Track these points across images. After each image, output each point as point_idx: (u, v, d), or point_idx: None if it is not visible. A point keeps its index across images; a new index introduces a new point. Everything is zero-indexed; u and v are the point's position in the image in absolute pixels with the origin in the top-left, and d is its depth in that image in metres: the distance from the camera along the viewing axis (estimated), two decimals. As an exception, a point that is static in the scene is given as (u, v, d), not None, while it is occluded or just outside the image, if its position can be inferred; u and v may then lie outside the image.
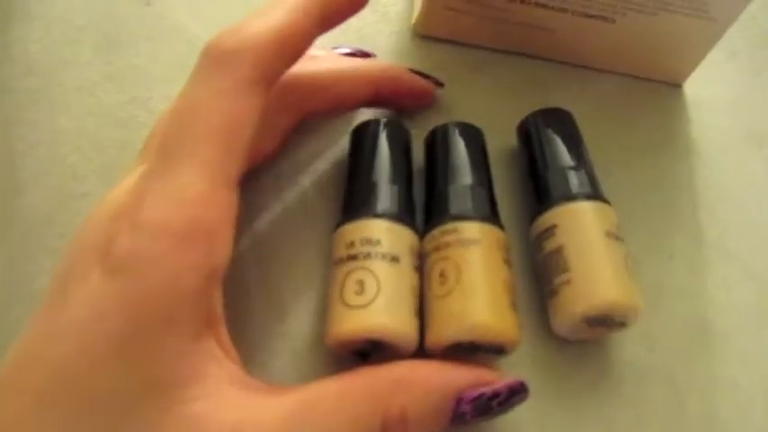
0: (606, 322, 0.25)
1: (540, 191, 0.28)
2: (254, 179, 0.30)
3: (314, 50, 0.29)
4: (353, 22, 0.34)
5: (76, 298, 0.19)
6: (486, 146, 0.29)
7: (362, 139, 0.29)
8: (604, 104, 0.34)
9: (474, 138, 0.29)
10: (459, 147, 0.28)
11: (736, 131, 0.35)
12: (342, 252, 0.25)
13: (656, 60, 0.34)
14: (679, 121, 0.35)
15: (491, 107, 0.33)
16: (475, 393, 0.22)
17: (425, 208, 0.28)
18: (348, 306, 0.23)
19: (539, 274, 0.27)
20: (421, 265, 0.26)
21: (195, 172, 0.20)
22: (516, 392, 0.23)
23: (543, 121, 0.30)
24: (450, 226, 0.25)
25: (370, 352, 0.24)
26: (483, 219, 0.25)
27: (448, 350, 0.24)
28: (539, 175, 0.28)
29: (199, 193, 0.20)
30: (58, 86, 0.32)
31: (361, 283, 0.24)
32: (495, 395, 0.22)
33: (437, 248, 0.25)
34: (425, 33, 0.35)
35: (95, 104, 0.32)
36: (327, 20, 0.24)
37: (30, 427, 0.18)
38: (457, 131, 0.29)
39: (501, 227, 0.26)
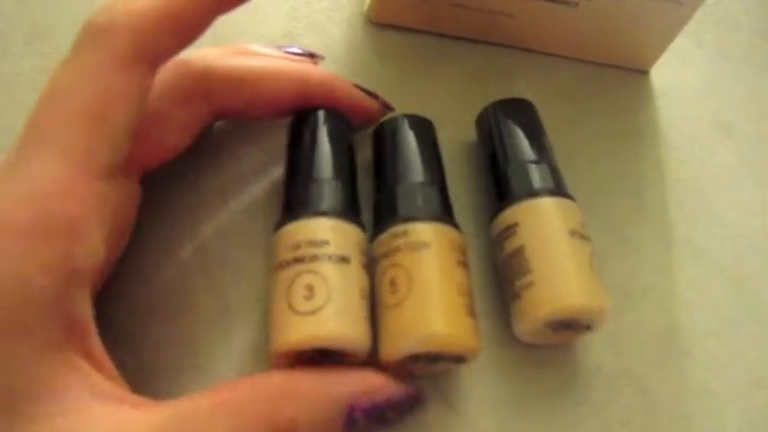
0: (571, 326, 0.24)
1: (501, 187, 0.26)
2: (197, 181, 0.28)
3: (257, 46, 0.27)
4: (302, 8, 0.33)
5: None
6: (438, 140, 0.28)
7: (301, 131, 0.27)
8: (568, 93, 0.33)
9: (424, 132, 0.27)
10: (409, 142, 0.27)
11: (704, 120, 0.34)
12: (286, 255, 0.23)
13: (622, 46, 0.33)
14: (646, 109, 0.34)
15: (449, 98, 0.31)
16: (368, 401, 0.21)
17: (374, 208, 0.26)
18: (296, 312, 0.21)
19: (500, 275, 0.26)
20: (371, 270, 0.24)
21: (53, 160, 0.18)
22: (413, 401, 0.22)
23: (503, 112, 0.28)
24: (399, 228, 0.24)
25: (320, 361, 0.22)
26: (434, 219, 0.24)
27: (403, 362, 0.22)
28: (499, 170, 0.27)
29: (55, 184, 0.18)
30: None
31: (309, 288, 0.22)
32: (389, 402, 0.21)
33: (386, 254, 0.23)
34: (379, 20, 0.33)
35: (30, 100, 0.30)
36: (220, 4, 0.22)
37: None
38: (406, 125, 0.27)
39: (455, 226, 0.24)
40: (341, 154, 0.26)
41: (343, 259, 0.23)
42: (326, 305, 0.21)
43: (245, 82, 0.25)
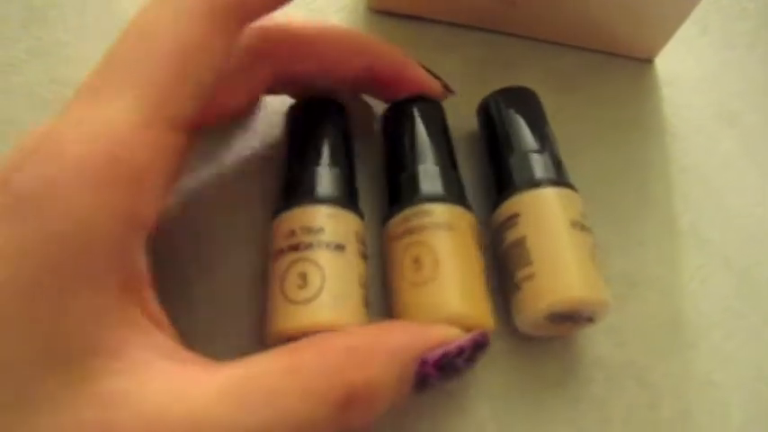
0: (572, 318, 0.24)
1: (502, 177, 0.26)
2: (193, 169, 0.27)
3: None
4: None
5: None
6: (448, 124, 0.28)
7: (300, 119, 0.26)
8: (571, 82, 0.33)
9: (437, 115, 0.27)
10: (426, 125, 0.26)
11: (708, 109, 0.33)
12: (281, 242, 0.23)
13: (626, 34, 0.33)
14: (650, 98, 0.33)
15: (452, 85, 0.31)
16: (439, 353, 0.20)
17: (390, 190, 0.26)
18: (290, 301, 0.21)
19: (500, 266, 0.26)
20: (385, 248, 0.24)
21: (129, 104, 0.17)
22: (480, 345, 0.21)
23: (505, 100, 0.28)
24: (423, 207, 0.23)
25: None
26: (456, 202, 0.24)
27: None
28: (500, 160, 0.26)
29: (129, 130, 0.17)
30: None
31: (303, 276, 0.22)
32: (461, 351, 0.20)
33: (409, 231, 0.23)
34: (380, 8, 0.33)
35: (21, 84, 0.29)
36: None
37: None
38: (419, 108, 0.27)
39: (471, 209, 0.25)
40: (337, 141, 0.26)
41: (339, 247, 0.22)
42: (321, 293, 0.21)
43: (313, 43, 0.25)
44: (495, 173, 0.27)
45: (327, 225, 0.23)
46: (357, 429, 0.18)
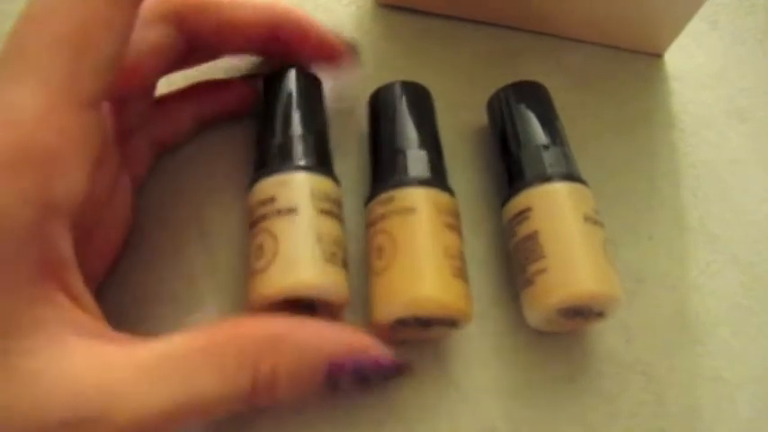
0: (584, 313, 0.24)
1: (513, 171, 0.26)
2: (204, 165, 0.27)
3: None
4: None
5: None
6: (434, 105, 0.27)
7: (272, 91, 0.27)
8: (581, 77, 0.32)
9: (418, 97, 0.27)
10: (401, 108, 0.26)
11: (718, 105, 0.33)
12: (248, 220, 0.23)
13: (636, 29, 0.32)
14: (659, 93, 0.33)
15: (458, 81, 0.31)
16: (352, 361, 0.20)
17: (371, 177, 0.26)
18: (252, 273, 0.22)
19: (511, 260, 0.26)
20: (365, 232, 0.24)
21: (32, 88, 0.17)
22: (397, 367, 0.21)
23: (515, 95, 0.28)
24: (386, 195, 0.24)
25: (306, 308, 0.22)
26: (421, 183, 0.24)
27: (394, 328, 0.23)
28: (511, 155, 0.26)
29: (33, 112, 0.17)
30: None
31: (260, 247, 0.22)
32: (377, 367, 0.20)
33: (374, 222, 0.24)
34: (388, 2, 0.33)
35: None
36: None
37: None
38: (399, 91, 0.27)
39: (445, 189, 0.24)
40: (289, 110, 0.26)
41: (291, 210, 0.22)
42: (274, 260, 0.22)
43: (219, 8, 0.25)
44: (505, 167, 0.27)
45: (278, 192, 0.23)
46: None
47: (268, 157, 0.24)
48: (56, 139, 0.18)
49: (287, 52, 0.27)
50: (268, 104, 0.26)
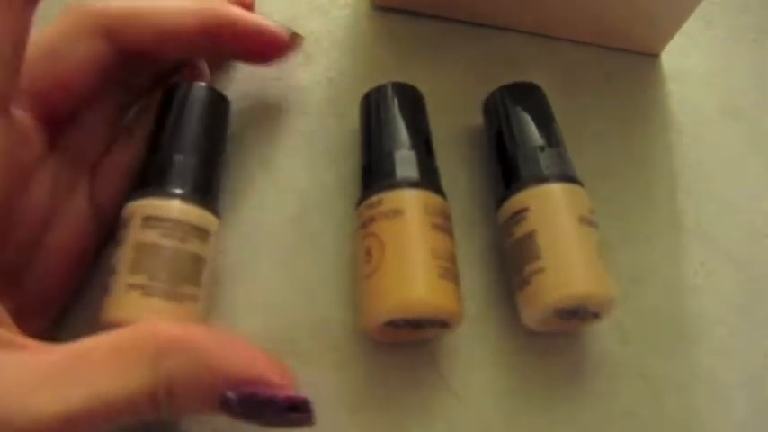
0: (579, 314, 0.24)
1: (509, 172, 0.26)
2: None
3: None
4: None
5: None
6: (425, 106, 0.27)
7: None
8: (577, 77, 0.32)
9: (407, 98, 0.27)
10: (390, 110, 0.26)
11: (713, 104, 0.33)
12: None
13: (632, 29, 0.32)
14: (656, 93, 0.33)
15: (454, 82, 0.31)
16: (247, 389, 0.19)
17: (361, 180, 0.26)
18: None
19: (507, 260, 0.26)
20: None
21: None
22: (296, 410, 0.19)
23: (511, 96, 0.28)
24: (374, 198, 0.24)
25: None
26: (409, 185, 0.24)
27: (384, 331, 0.23)
28: (507, 156, 0.26)
29: None
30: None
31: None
32: (270, 402, 0.19)
33: (363, 225, 0.24)
34: (383, 4, 0.33)
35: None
36: None
37: None
38: (391, 93, 0.27)
39: (434, 190, 0.24)
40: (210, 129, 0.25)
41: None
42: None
43: (143, 16, 0.24)
44: (500, 168, 0.27)
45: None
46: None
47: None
48: None
49: (231, 51, 0.27)
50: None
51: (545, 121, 0.27)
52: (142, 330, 0.19)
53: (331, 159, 0.27)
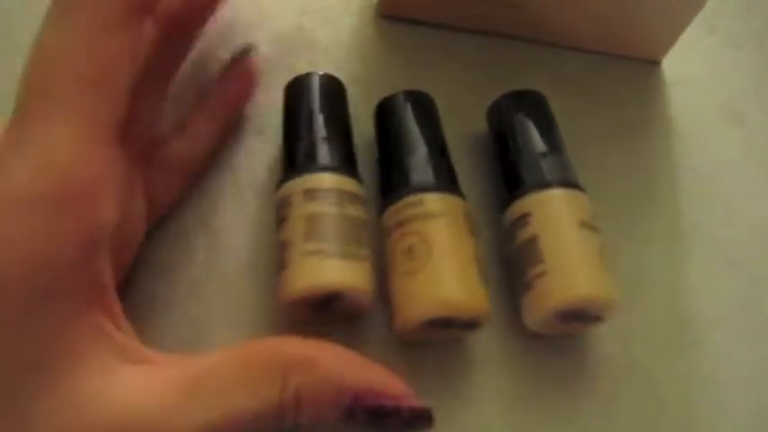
0: (581, 317, 0.24)
1: (512, 178, 0.27)
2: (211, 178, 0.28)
3: None
4: (314, 2, 0.33)
5: None
6: (439, 114, 0.28)
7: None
8: (579, 84, 0.33)
9: (428, 106, 0.28)
10: (414, 116, 0.27)
11: (715, 110, 0.33)
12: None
13: (633, 36, 0.33)
14: (657, 100, 0.33)
15: (458, 90, 0.31)
16: (373, 402, 0.20)
17: (382, 182, 0.27)
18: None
19: (511, 264, 0.26)
20: (381, 241, 0.25)
21: (62, 128, 0.18)
22: (418, 418, 0.21)
23: (514, 103, 0.28)
24: (414, 198, 0.24)
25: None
26: (446, 190, 0.25)
27: (420, 328, 0.23)
28: (510, 162, 0.27)
29: (68, 152, 0.18)
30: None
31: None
32: (395, 412, 0.20)
33: (401, 222, 0.24)
34: (389, 13, 0.33)
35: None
36: None
37: None
38: (408, 100, 0.28)
39: (462, 196, 0.25)
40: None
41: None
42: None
43: None
44: (504, 174, 0.27)
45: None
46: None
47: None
48: (89, 176, 0.18)
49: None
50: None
51: (547, 128, 0.27)
52: (269, 346, 0.20)
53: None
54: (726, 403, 0.26)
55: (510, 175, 0.27)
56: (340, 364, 0.20)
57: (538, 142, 0.27)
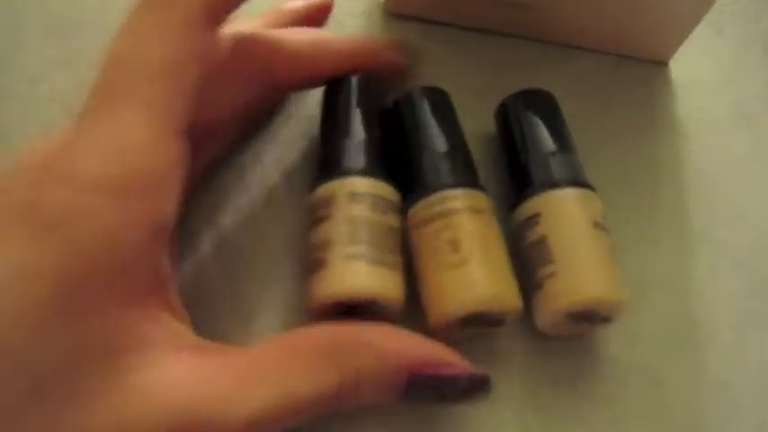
0: (590, 318, 0.24)
1: (521, 177, 0.27)
2: (218, 174, 0.28)
3: (264, 13, 0.28)
4: None
5: None
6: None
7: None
8: (586, 85, 0.33)
9: (446, 100, 0.28)
10: (441, 113, 0.27)
11: (723, 111, 0.33)
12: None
13: (641, 37, 0.33)
14: (665, 100, 0.33)
15: (467, 89, 0.31)
16: (431, 372, 0.20)
17: (408, 176, 0.26)
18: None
19: (521, 264, 0.26)
20: (409, 234, 0.25)
21: (136, 116, 0.18)
22: (477, 385, 0.21)
23: (524, 103, 0.28)
24: (455, 192, 0.24)
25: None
26: (476, 187, 0.25)
27: (453, 325, 0.23)
28: (520, 161, 0.27)
29: (141, 140, 0.18)
30: (6, 73, 0.30)
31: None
32: (453, 380, 0.21)
33: (438, 216, 0.24)
34: (396, 12, 0.33)
35: (48, 91, 0.30)
36: None
37: None
38: (426, 96, 0.28)
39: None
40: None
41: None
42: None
43: (309, 55, 0.26)
44: (513, 173, 0.27)
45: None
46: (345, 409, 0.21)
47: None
48: (159, 166, 0.19)
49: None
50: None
51: (558, 127, 0.27)
52: (323, 331, 0.21)
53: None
54: (733, 405, 0.26)
55: (519, 174, 0.27)
56: (395, 342, 0.21)
57: (548, 141, 0.27)
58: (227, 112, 0.25)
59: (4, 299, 0.17)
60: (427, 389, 0.21)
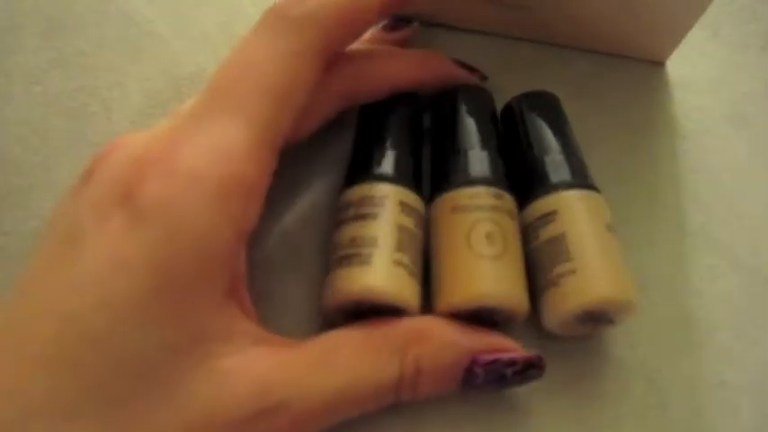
0: (598, 318, 0.24)
1: (531, 176, 0.27)
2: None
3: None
4: None
5: (93, 245, 0.18)
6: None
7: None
8: (583, 85, 0.33)
9: (483, 99, 0.29)
10: (472, 110, 0.28)
11: (719, 111, 0.33)
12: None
13: (638, 38, 0.33)
14: (661, 101, 0.33)
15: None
16: (490, 358, 0.22)
17: (443, 166, 0.27)
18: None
19: (531, 262, 0.26)
20: (437, 219, 0.25)
21: (241, 127, 0.20)
22: (532, 366, 0.23)
23: (529, 104, 0.28)
24: (493, 190, 0.25)
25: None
26: (509, 191, 0.26)
27: (463, 314, 0.23)
28: (529, 160, 0.27)
29: (244, 148, 0.20)
30: (1, 75, 0.30)
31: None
32: (511, 363, 0.22)
33: (480, 208, 0.24)
34: (397, 13, 0.33)
35: (42, 93, 0.30)
36: (390, 4, 0.24)
37: (34, 391, 0.17)
38: (467, 93, 0.29)
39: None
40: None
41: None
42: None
43: (384, 81, 0.27)
44: (521, 172, 0.27)
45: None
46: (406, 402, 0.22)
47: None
48: (256, 174, 0.20)
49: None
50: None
51: (564, 128, 0.28)
52: (386, 322, 0.22)
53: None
54: (731, 404, 0.26)
55: (528, 173, 0.27)
56: (452, 332, 0.22)
57: (555, 143, 0.27)
58: (314, 126, 0.26)
59: (105, 289, 0.18)
60: (486, 375, 0.22)
